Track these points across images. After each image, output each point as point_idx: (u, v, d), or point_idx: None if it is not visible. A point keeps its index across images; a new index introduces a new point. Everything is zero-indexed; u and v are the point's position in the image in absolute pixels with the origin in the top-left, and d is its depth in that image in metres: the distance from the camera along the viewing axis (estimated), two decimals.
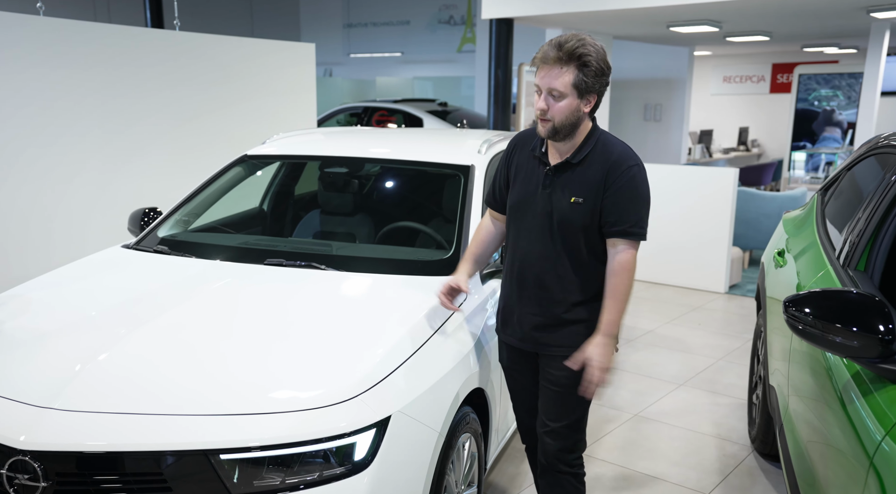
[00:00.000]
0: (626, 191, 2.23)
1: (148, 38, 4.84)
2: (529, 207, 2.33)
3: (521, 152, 2.43)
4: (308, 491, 1.92)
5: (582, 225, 2.25)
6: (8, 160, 4.19)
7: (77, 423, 1.91)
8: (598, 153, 2.26)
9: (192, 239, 3.12)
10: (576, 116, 2.21)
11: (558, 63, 2.13)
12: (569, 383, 2.34)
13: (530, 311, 2.37)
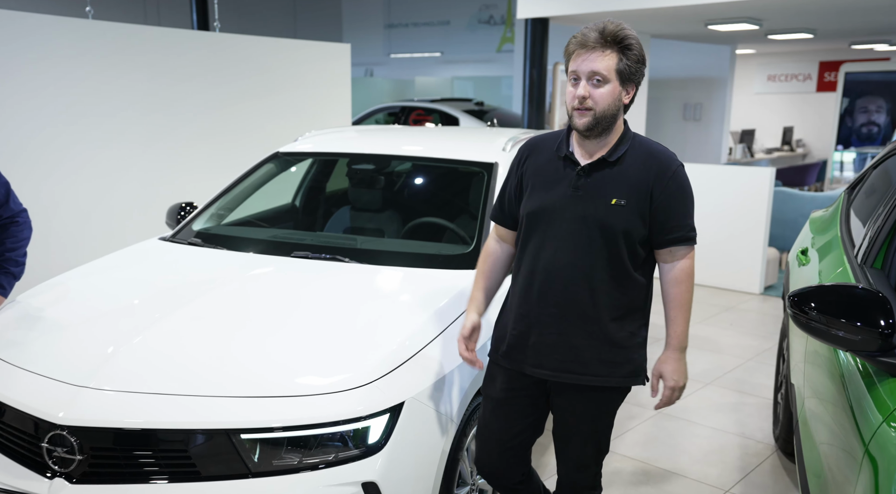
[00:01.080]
0: (678, 194, 2.08)
1: (188, 40, 5.03)
2: (556, 213, 2.09)
3: (536, 157, 2.20)
4: (324, 471, 2.01)
5: (623, 229, 2.05)
6: (56, 156, 4.41)
7: (110, 401, 2.03)
8: (636, 152, 2.09)
9: (225, 232, 3.25)
10: (616, 107, 2.02)
11: (600, 46, 1.96)
12: (594, 414, 2.18)
13: (554, 332, 2.11)
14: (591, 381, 2.12)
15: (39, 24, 4.31)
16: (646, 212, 2.06)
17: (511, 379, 2.20)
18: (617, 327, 2.11)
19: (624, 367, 2.14)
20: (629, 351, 2.15)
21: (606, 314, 2.09)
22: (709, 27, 8.26)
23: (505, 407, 2.23)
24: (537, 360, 2.14)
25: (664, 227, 2.08)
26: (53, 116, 4.39)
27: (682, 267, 2.13)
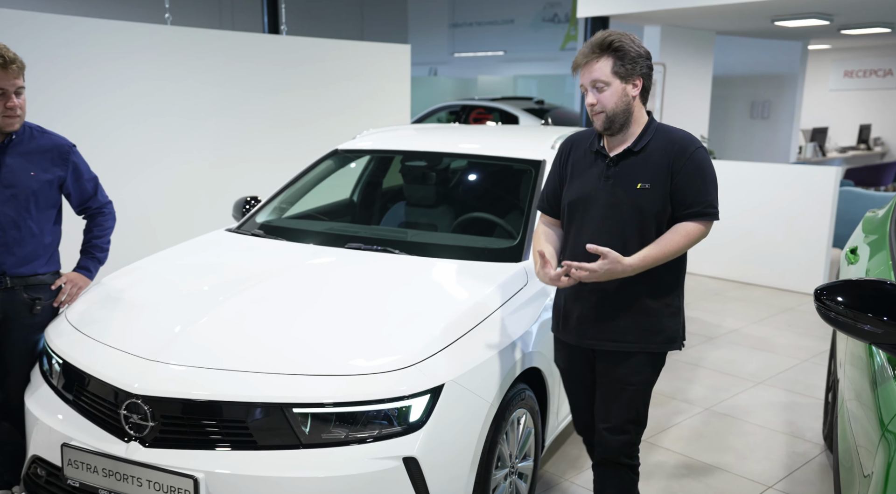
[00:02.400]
0: (695, 173, 2.27)
1: (255, 43, 5.30)
2: (592, 201, 2.34)
3: (575, 152, 2.47)
4: (368, 445, 2.17)
5: (652, 211, 2.27)
6: (135, 154, 4.74)
7: (178, 375, 2.25)
8: (658, 140, 2.31)
9: (285, 224, 3.47)
10: (625, 102, 2.26)
11: (593, 57, 2.24)
12: (629, 380, 2.36)
13: (592, 307, 2.35)
14: (629, 348, 2.35)
15: (121, 31, 4.64)
16: (667, 191, 2.28)
17: (568, 350, 2.50)
18: (651, 299, 2.33)
19: (659, 335, 2.35)
20: (663, 321, 2.35)
21: (640, 288, 2.31)
22: (776, 23, 8.09)
23: (569, 374, 2.56)
24: (581, 331, 2.40)
25: (683, 204, 2.28)
26: (133, 116, 4.71)
27: (688, 227, 2.28)
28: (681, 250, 2.28)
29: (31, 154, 2.62)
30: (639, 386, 2.39)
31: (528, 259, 2.98)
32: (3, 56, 2.44)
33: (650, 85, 2.33)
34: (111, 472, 2.23)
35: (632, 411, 2.41)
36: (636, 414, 2.42)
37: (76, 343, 2.51)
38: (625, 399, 2.40)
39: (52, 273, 2.72)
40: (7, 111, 2.48)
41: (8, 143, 2.57)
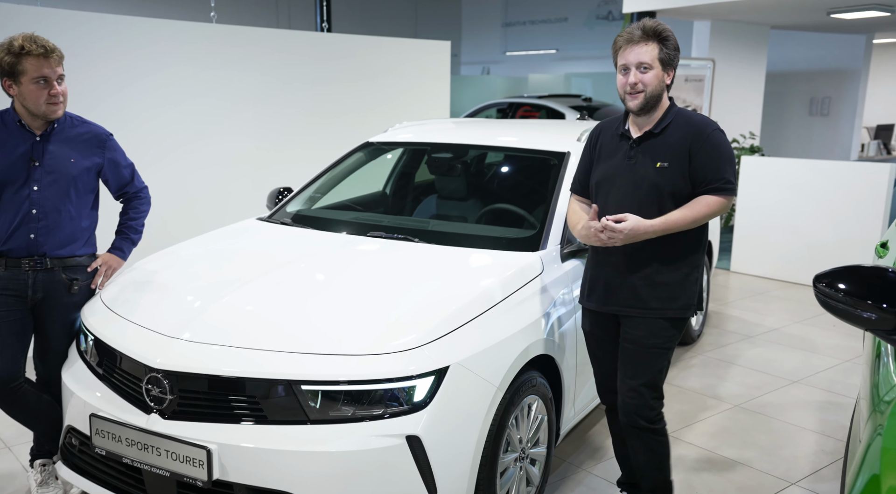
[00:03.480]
0: (713, 152, 2.46)
1: (297, 40, 5.46)
2: (616, 179, 2.56)
3: (603, 136, 2.69)
4: (373, 423, 2.24)
5: (670, 188, 2.47)
6: (178, 146, 4.95)
7: (197, 351, 2.36)
8: (678, 123, 2.52)
9: (313, 214, 3.58)
10: (661, 88, 2.49)
11: (643, 40, 2.45)
12: (647, 342, 2.55)
13: (616, 276, 2.57)
14: (649, 314, 2.55)
15: (169, 28, 4.86)
16: (686, 170, 2.47)
17: (594, 317, 2.71)
18: (671, 270, 2.53)
19: (676, 302, 2.55)
20: (681, 289, 2.54)
21: (660, 259, 2.52)
22: (832, 16, 7.84)
23: (594, 338, 2.76)
24: (606, 298, 2.62)
25: (703, 181, 2.47)
26: (178, 109, 4.92)
27: (708, 198, 2.47)
28: (701, 217, 2.46)
29: (72, 141, 2.78)
30: (653, 349, 2.55)
31: (545, 248, 3.01)
32: (44, 46, 2.60)
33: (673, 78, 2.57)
34: (133, 442, 2.36)
35: (647, 374, 2.57)
36: (651, 378, 2.57)
37: (107, 321, 2.66)
38: (640, 361, 2.57)
39: (89, 255, 2.88)
40: (50, 98, 2.64)
41: (50, 131, 2.74)
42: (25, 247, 2.71)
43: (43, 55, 2.60)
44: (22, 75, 2.60)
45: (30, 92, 2.61)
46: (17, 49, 2.57)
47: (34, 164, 2.69)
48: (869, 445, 1.53)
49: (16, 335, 2.73)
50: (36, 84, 2.61)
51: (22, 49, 2.57)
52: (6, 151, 2.66)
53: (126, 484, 2.48)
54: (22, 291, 2.73)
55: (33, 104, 2.62)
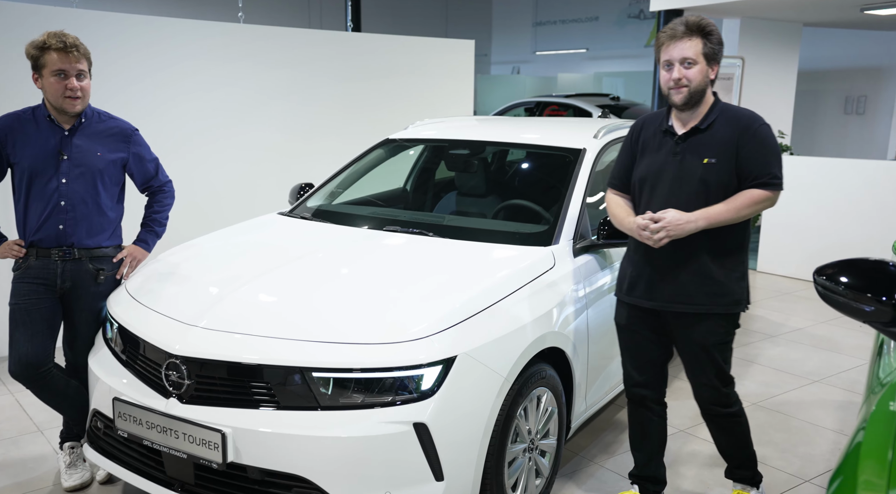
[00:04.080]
0: (760, 147, 2.47)
1: (322, 40, 5.55)
2: (661, 176, 2.57)
3: (646, 131, 2.68)
4: (382, 410, 2.30)
5: (717, 184, 2.48)
6: (206, 143, 5.07)
7: (214, 338, 2.45)
8: (724, 118, 2.51)
9: (333, 209, 3.66)
10: (705, 83, 2.49)
11: (687, 36, 2.46)
12: (707, 343, 2.58)
13: (662, 272, 2.58)
14: (696, 310, 2.55)
15: (198, 28, 4.99)
16: (733, 166, 2.48)
17: (631, 311, 2.72)
18: (717, 265, 2.53)
19: (725, 298, 2.55)
20: (729, 285, 2.54)
21: (706, 254, 2.52)
22: (865, 12, 7.70)
23: (628, 332, 2.76)
24: (650, 295, 2.62)
25: (749, 176, 2.48)
26: (204, 109, 5.05)
27: (753, 192, 2.47)
28: (745, 211, 2.47)
29: (98, 136, 2.90)
30: (714, 347, 2.60)
31: (558, 243, 3.04)
32: (64, 41, 2.72)
33: None
34: (153, 425, 2.45)
35: (712, 370, 2.63)
36: (718, 372, 2.64)
37: (131, 309, 2.76)
38: (705, 361, 2.62)
39: (115, 246, 2.99)
40: (67, 92, 2.75)
41: (78, 126, 2.86)
42: (55, 237, 2.83)
43: (62, 50, 2.71)
44: (43, 68, 2.72)
45: (49, 84, 2.73)
46: (41, 44, 2.71)
47: (62, 158, 2.81)
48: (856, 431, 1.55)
49: (46, 322, 2.85)
50: (55, 77, 2.72)
51: (44, 44, 2.70)
52: (36, 145, 2.78)
53: (147, 466, 2.57)
54: (51, 280, 2.85)
55: (52, 97, 2.74)
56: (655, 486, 2.88)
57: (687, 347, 2.64)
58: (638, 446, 2.89)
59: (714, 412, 2.71)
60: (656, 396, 2.80)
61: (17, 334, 2.81)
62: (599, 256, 3.20)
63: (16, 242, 2.84)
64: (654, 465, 2.87)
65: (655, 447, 2.86)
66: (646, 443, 2.85)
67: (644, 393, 2.79)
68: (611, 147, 3.64)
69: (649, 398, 2.79)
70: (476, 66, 17.61)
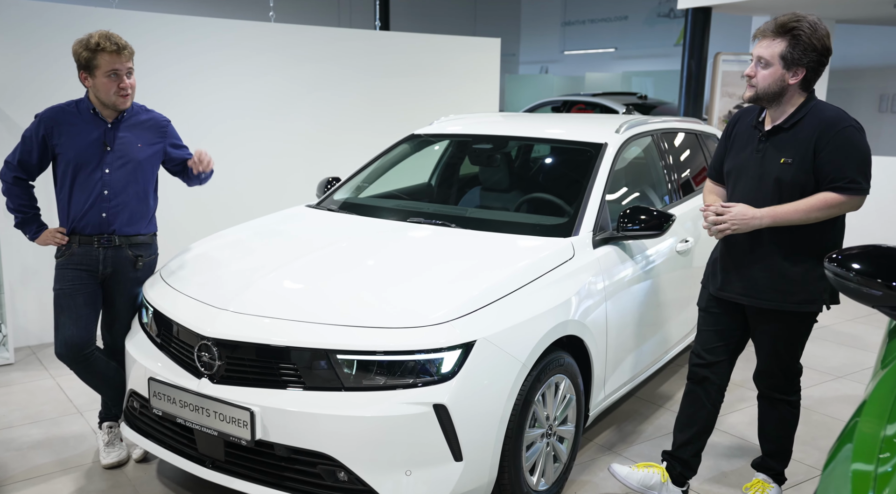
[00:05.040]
0: (839, 150, 2.41)
1: (349, 38, 5.67)
2: (744, 171, 2.59)
3: (740, 124, 2.70)
4: (403, 391, 2.39)
5: (791, 184, 2.46)
6: (238, 139, 5.22)
7: (243, 321, 2.56)
8: (810, 118, 2.47)
9: (359, 201, 3.76)
10: (779, 85, 2.46)
11: (771, 35, 2.43)
12: (779, 337, 2.63)
13: (737, 264, 2.62)
14: (765, 305, 2.59)
15: (231, 28, 5.15)
16: (809, 167, 2.45)
17: (710, 298, 2.80)
18: (790, 263, 2.53)
19: (796, 295, 2.55)
20: (802, 284, 2.54)
21: (780, 252, 2.54)
22: None
23: (705, 314, 2.83)
24: (725, 286, 2.69)
25: (825, 178, 2.45)
26: (236, 105, 5.20)
27: (826, 195, 2.45)
28: (816, 213, 2.44)
29: (138, 128, 3.04)
30: (785, 343, 2.65)
31: (577, 234, 3.10)
32: (117, 43, 2.86)
33: (815, 77, 2.49)
34: (185, 403, 2.57)
35: (781, 362, 2.69)
36: (786, 365, 2.70)
37: (165, 294, 2.89)
38: (771, 353, 2.68)
39: (152, 234, 3.13)
40: (120, 90, 2.89)
41: (120, 119, 2.99)
42: (97, 225, 2.96)
43: (116, 52, 2.85)
44: (96, 69, 2.85)
45: (102, 84, 2.86)
46: (94, 45, 2.83)
47: (106, 149, 2.95)
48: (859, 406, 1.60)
49: (89, 306, 2.99)
50: (108, 77, 2.86)
51: (98, 46, 2.83)
52: (81, 137, 2.92)
53: (180, 444, 2.70)
54: (93, 266, 2.99)
55: (105, 95, 2.88)
56: (683, 469, 2.87)
57: (757, 338, 2.70)
58: (681, 427, 2.88)
59: (770, 395, 2.76)
60: (718, 382, 2.81)
61: (62, 318, 2.96)
62: (620, 248, 3.25)
63: (58, 230, 2.99)
64: (691, 450, 2.86)
65: (698, 432, 2.85)
66: (690, 426, 2.85)
67: (706, 374, 2.80)
68: (633, 142, 3.68)
69: (710, 380, 2.80)
70: (504, 66, 17.66)
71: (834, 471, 1.42)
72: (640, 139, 3.79)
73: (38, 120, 2.94)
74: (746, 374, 4.19)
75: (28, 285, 4.47)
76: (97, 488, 2.96)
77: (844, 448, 1.45)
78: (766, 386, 2.77)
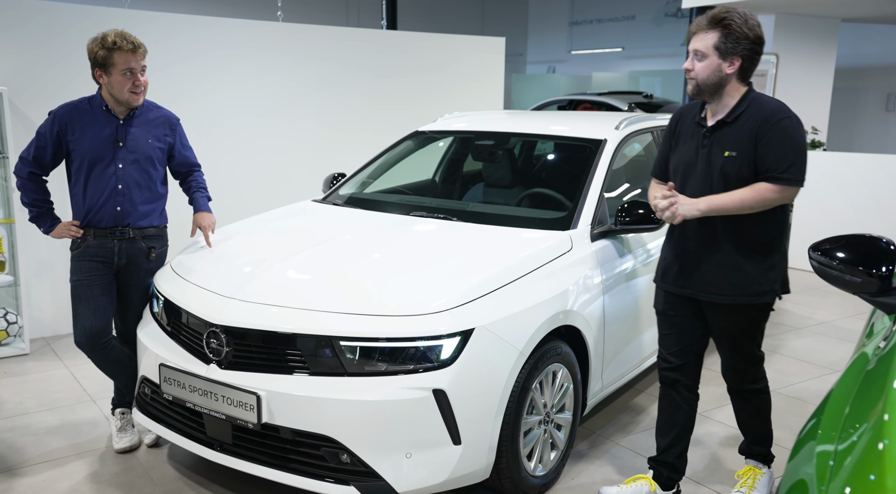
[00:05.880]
0: (777, 140, 2.44)
1: (355, 37, 5.76)
2: (691, 167, 2.61)
3: (682, 122, 2.73)
4: (403, 377, 2.47)
5: (736, 177, 2.49)
6: (248, 137, 5.32)
7: (250, 310, 2.65)
8: (750, 111, 2.50)
9: (363, 196, 3.85)
10: (717, 76, 2.49)
11: (704, 28, 2.49)
12: (735, 332, 2.66)
13: (691, 260, 2.64)
14: (721, 300, 2.61)
15: (239, 27, 5.25)
16: (751, 159, 2.48)
17: (668, 297, 2.79)
18: (743, 256, 2.56)
19: (750, 288, 2.58)
20: (755, 276, 2.57)
21: (731, 246, 2.57)
22: None
23: (665, 318, 2.82)
24: (681, 282, 2.71)
25: (762, 168, 2.48)
26: (245, 103, 5.31)
27: (761, 185, 2.47)
28: (750, 203, 2.47)
29: (148, 124, 3.14)
30: (742, 335, 2.68)
31: (576, 228, 3.18)
32: (132, 42, 2.96)
33: (752, 66, 2.52)
34: (195, 388, 2.67)
35: (741, 354, 2.72)
36: (747, 355, 2.72)
37: (175, 284, 2.99)
38: (732, 346, 2.71)
39: (163, 226, 3.24)
40: (134, 88, 2.99)
41: (131, 116, 3.10)
42: (112, 218, 3.07)
43: (131, 50, 2.95)
44: (112, 67, 2.95)
45: (117, 82, 2.96)
46: (110, 44, 2.93)
47: (119, 145, 3.05)
48: None
49: (106, 296, 3.10)
50: (123, 75, 2.96)
51: (114, 44, 2.93)
52: (95, 133, 3.03)
53: (190, 428, 2.79)
54: (109, 258, 3.09)
55: (119, 92, 2.98)
56: (670, 473, 2.88)
57: (716, 333, 2.72)
58: (662, 431, 2.88)
59: (744, 388, 2.79)
60: (688, 382, 2.82)
61: (80, 308, 3.06)
62: (618, 242, 3.33)
63: (72, 223, 3.09)
64: (675, 452, 2.86)
65: (679, 434, 2.85)
66: (671, 429, 2.85)
67: (675, 377, 2.81)
68: (632, 138, 3.76)
69: (681, 383, 2.81)
70: (512, 66, 17.70)
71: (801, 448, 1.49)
72: (641, 136, 3.87)
73: (53, 116, 3.05)
74: None
75: (43, 278, 4.59)
76: (110, 471, 3.06)
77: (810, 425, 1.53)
78: (735, 379, 2.78)
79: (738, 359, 2.73)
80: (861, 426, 1.36)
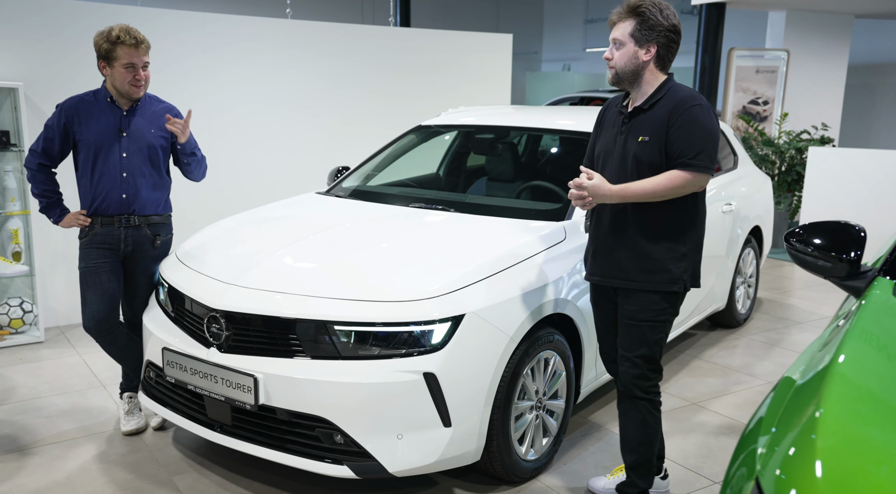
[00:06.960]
0: (687, 127, 2.45)
1: (364, 34, 5.85)
2: (610, 153, 2.63)
3: (608, 112, 2.75)
4: (395, 360, 2.55)
5: (649, 162, 2.50)
6: (257, 132, 5.43)
7: (248, 295, 2.74)
8: (667, 98, 2.52)
9: (366, 188, 3.94)
10: (634, 64, 2.50)
11: (621, 17, 2.52)
12: (639, 316, 2.59)
13: (605, 248, 2.65)
14: (631, 286, 2.60)
15: (249, 24, 5.36)
16: (663, 144, 2.49)
17: (594, 288, 2.80)
18: (653, 243, 2.56)
19: (660, 275, 2.57)
20: (665, 263, 2.56)
21: (642, 233, 2.57)
22: None
23: (596, 309, 2.83)
24: (595, 270, 2.71)
25: (672, 154, 2.49)
26: (253, 99, 5.41)
27: (672, 172, 2.47)
28: (661, 191, 2.46)
29: (152, 116, 3.24)
30: (646, 322, 2.60)
31: (570, 219, 3.24)
32: (136, 37, 3.07)
33: (668, 54, 2.54)
34: (196, 371, 2.77)
35: (642, 346, 2.62)
36: (647, 350, 2.62)
37: (179, 271, 3.10)
38: (635, 334, 2.62)
39: (167, 215, 3.35)
40: (135, 81, 3.10)
41: (135, 107, 3.21)
42: (118, 206, 3.18)
43: (134, 45, 3.06)
44: (115, 60, 3.07)
45: (119, 74, 3.08)
46: (114, 38, 3.05)
47: (122, 135, 3.16)
48: None
49: (113, 282, 3.21)
50: (125, 69, 3.07)
51: (118, 39, 3.04)
52: (99, 124, 3.14)
53: (192, 410, 2.89)
54: (115, 245, 3.20)
55: (120, 84, 3.09)
56: None
57: (621, 318, 2.65)
58: None
59: (634, 394, 2.65)
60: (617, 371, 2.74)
61: (89, 294, 3.18)
62: None
63: (80, 212, 3.20)
64: None
65: None
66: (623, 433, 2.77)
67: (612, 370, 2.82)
68: None
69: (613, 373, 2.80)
70: (527, 64, 17.69)
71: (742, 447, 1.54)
72: None
73: (59, 109, 3.17)
74: (745, 360, 4.30)
75: (57, 269, 4.72)
76: (117, 452, 3.17)
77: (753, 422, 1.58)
78: (629, 375, 2.64)
79: (637, 351, 2.61)
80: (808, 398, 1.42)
